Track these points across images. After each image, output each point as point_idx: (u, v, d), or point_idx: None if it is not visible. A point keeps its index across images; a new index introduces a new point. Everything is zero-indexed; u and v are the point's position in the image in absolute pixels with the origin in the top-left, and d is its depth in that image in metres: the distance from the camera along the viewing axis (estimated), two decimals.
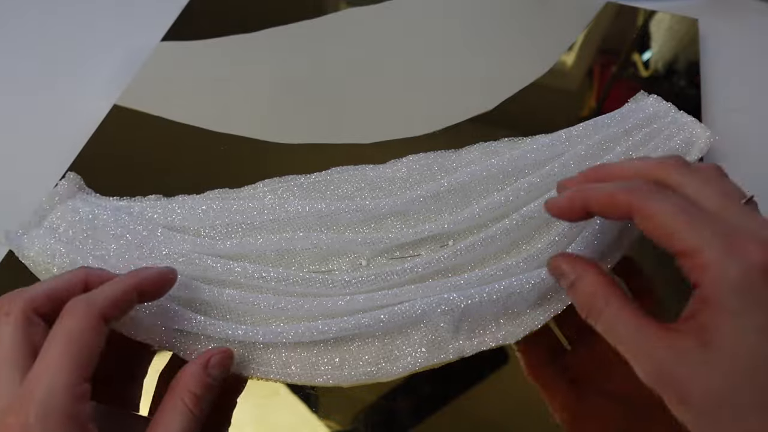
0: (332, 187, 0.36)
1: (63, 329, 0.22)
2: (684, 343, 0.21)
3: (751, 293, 0.20)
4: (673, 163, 0.25)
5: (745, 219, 0.22)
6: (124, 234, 0.32)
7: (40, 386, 0.21)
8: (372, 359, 0.30)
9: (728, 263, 0.20)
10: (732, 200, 0.23)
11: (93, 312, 0.23)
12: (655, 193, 0.23)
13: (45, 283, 0.25)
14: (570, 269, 0.26)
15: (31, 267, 0.32)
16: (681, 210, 0.22)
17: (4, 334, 0.23)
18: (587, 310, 0.24)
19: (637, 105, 0.40)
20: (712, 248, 0.21)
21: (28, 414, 0.20)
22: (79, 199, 0.34)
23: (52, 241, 0.32)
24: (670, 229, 0.22)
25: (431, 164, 0.37)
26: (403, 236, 0.33)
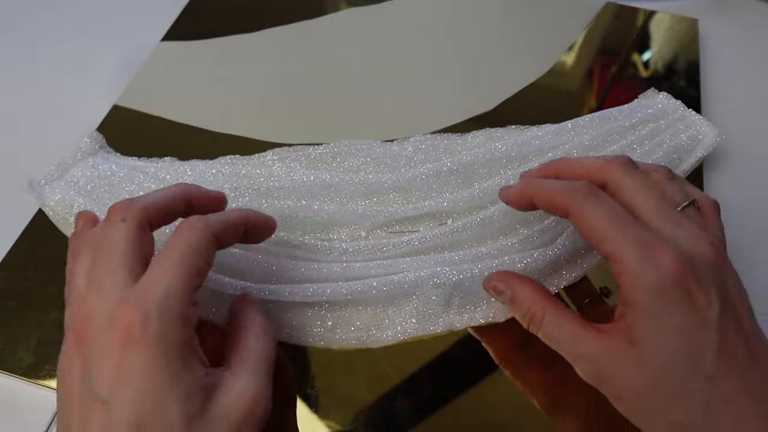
0: (339, 159, 0.37)
1: (182, 240, 0.23)
2: (615, 343, 0.23)
3: (666, 297, 0.22)
4: (619, 163, 0.26)
5: (671, 225, 0.24)
6: (138, 191, 0.35)
7: (158, 286, 0.22)
8: (363, 325, 0.31)
9: (645, 270, 0.23)
10: (666, 205, 0.25)
11: (210, 231, 0.24)
12: (590, 197, 0.25)
13: (155, 196, 0.26)
14: (506, 287, 0.28)
15: (51, 215, 0.35)
16: (610, 216, 0.24)
17: (119, 238, 0.23)
18: (528, 321, 0.26)
19: (646, 100, 0.40)
20: (632, 255, 0.23)
21: (147, 310, 0.21)
22: (100, 157, 0.37)
23: (72, 193, 0.35)
24: (599, 233, 0.24)
25: (437, 145, 0.38)
26: (403, 211, 0.34)
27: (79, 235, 0.26)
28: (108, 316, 0.21)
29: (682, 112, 0.39)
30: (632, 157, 0.36)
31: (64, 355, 0.23)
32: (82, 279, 0.24)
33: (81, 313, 0.23)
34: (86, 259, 0.24)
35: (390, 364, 0.31)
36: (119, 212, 0.24)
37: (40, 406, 0.31)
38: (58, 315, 0.33)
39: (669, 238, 0.24)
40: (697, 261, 0.23)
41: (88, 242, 0.24)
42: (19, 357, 0.31)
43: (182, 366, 0.21)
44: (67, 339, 0.23)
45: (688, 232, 0.24)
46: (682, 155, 0.37)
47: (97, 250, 0.24)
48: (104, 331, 0.21)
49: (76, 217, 0.28)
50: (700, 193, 0.28)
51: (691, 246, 0.23)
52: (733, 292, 0.24)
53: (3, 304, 0.33)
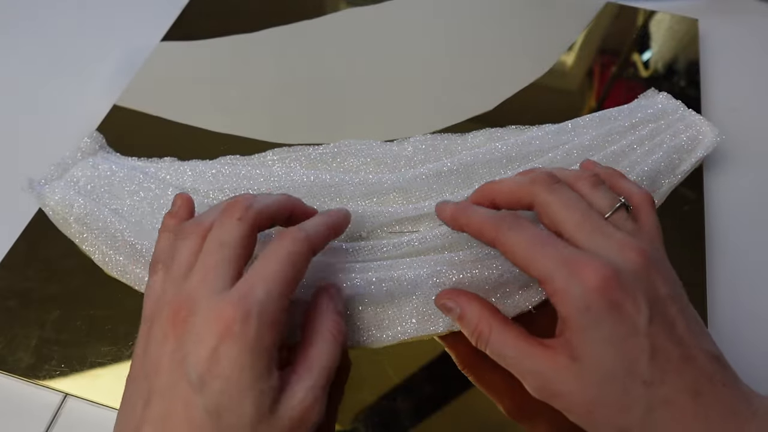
0: (339, 160, 0.37)
1: (285, 248, 0.25)
2: (559, 359, 0.24)
3: (593, 311, 0.23)
4: (540, 181, 0.27)
5: (595, 237, 0.25)
6: (138, 191, 0.35)
7: (260, 289, 0.23)
8: (363, 326, 0.31)
9: (571, 287, 0.23)
10: (590, 217, 0.25)
11: (310, 244, 0.26)
12: (513, 226, 0.26)
13: (268, 202, 0.28)
14: (454, 304, 0.28)
15: (50, 215, 0.35)
16: (532, 242, 0.25)
17: (232, 236, 0.25)
18: (476, 337, 0.27)
19: (646, 101, 0.40)
20: (557, 275, 0.24)
21: (248, 310, 0.23)
22: (100, 157, 0.37)
23: (72, 193, 0.35)
24: (525, 260, 0.25)
25: (437, 145, 0.38)
26: (403, 211, 0.34)
27: (180, 216, 0.29)
28: (212, 307, 0.23)
29: (682, 112, 0.39)
30: (632, 157, 0.36)
31: (158, 325, 0.24)
32: (187, 258, 0.26)
33: (183, 293, 0.24)
34: (194, 242, 0.26)
35: (390, 364, 0.31)
36: (238, 211, 0.26)
37: (40, 406, 0.31)
38: (59, 315, 0.33)
39: (594, 250, 0.24)
40: (621, 269, 0.24)
41: (198, 229, 0.26)
42: (19, 357, 0.31)
43: (265, 367, 0.23)
44: (161, 310, 0.24)
45: (613, 241, 0.25)
46: (682, 155, 0.37)
47: (211, 239, 0.25)
48: (206, 319, 0.23)
49: (175, 197, 0.30)
50: (633, 189, 0.28)
51: (616, 255, 0.24)
52: (663, 293, 0.24)
53: (3, 304, 0.33)
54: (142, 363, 0.25)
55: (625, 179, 0.29)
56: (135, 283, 0.33)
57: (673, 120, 0.38)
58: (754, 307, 0.34)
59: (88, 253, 0.34)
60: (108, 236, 0.34)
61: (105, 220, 0.34)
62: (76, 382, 0.31)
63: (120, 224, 0.34)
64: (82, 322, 0.32)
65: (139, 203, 0.35)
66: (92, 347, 0.32)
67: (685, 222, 0.36)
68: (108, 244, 0.34)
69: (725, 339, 0.32)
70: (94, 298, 0.33)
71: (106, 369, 0.31)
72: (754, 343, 0.33)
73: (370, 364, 0.31)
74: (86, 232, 0.34)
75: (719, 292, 0.35)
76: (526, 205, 0.28)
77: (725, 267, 0.36)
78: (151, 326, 0.25)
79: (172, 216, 0.29)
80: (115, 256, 0.33)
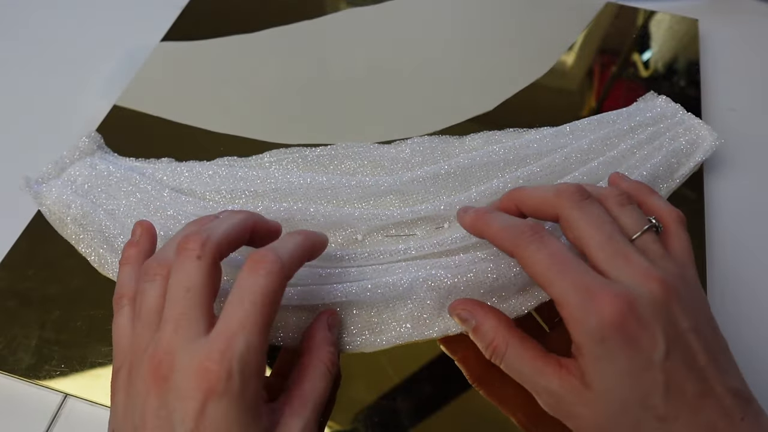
0: (336, 162, 0.37)
1: (261, 288, 0.23)
2: (572, 381, 0.24)
3: (608, 343, 0.23)
4: (569, 195, 0.26)
5: (618, 263, 0.24)
6: (134, 192, 0.35)
7: (239, 341, 0.22)
8: (357, 330, 0.31)
9: (586, 316, 0.23)
10: (615, 240, 0.25)
11: (285, 274, 0.24)
12: (534, 240, 0.25)
13: (226, 228, 0.26)
14: (470, 315, 0.28)
15: (47, 215, 0.35)
16: (553, 261, 0.24)
17: (195, 279, 0.24)
18: (491, 352, 0.27)
19: (645, 104, 0.40)
20: (573, 301, 0.23)
21: (230, 366, 0.22)
22: (98, 157, 0.37)
23: (68, 192, 0.35)
24: (543, 278, 0.24)
25: (435, 148, 0.38)
26: (399, 214, 0.34)
27: (141, 246, 0.28)
28: (191, 362, 0.22)
29: (681, 115, 0.39)
30: (631, 161, 0.36)
31: (139, 379, 0.23)
32: (154, 302, 0.25)
33: (160, 346, 0.23)
34: (159, 284, 0.25)
35: (390, 363, 0.31)
36: (195, 248, 0.24)
37: (40, 406, 0.31)
38: (59, 315, 0.33)
39: (614, 276, 0.24)
40: (640, 301, 0.23)
41: (162, 270, 0.25)
42: (19, 357, 0.31)
43: (253, 416, 0.23)
44: (140, 363, 0.23)
45: (636, 269, 0.24)
46: (681, 159, 0.37)
47: (173, 284, 0.24)
48: (188, 376, 0.22)
49: (135, 225, 0.29)
50: (663, 208, 0.27)
51: (637, 285, 0.23)
52: (684, 326, 0.23)
53: (3, 304, 0.33)
54: (125, 415, 0.24)
55: (656, 196, 0.29)
56: None
57: (672, 123, 0.38)
58: (754, 307, 0.34)
59: (85, 254, 0.34)
60: (104, 238, 0.34)
61: (101, 222, 0.34)
62: (76, 383, 0.31)
63: (115, 227, 0.34)
64: (82, 322, 0.32)
65: (135, 205, 0.35)
66: (92, 347, 0.32)
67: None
68: (104, 247, 0.34)
69: (726, 339, 0.32)
70: (94, 298, 0.33)
71: (106, 369, 0.31)
72: (755, 344, 0.33)
73: (371, 364, 0.31)
74: (83, 233, 0.34)
75: (719, 292, 0.35)
76: (552, 217, 0.27)
77: (725, 267, 0.36)
78: (130, 377, 0.24)
79: (132, 245, 0.29)
80: (110, 258, 0.33)
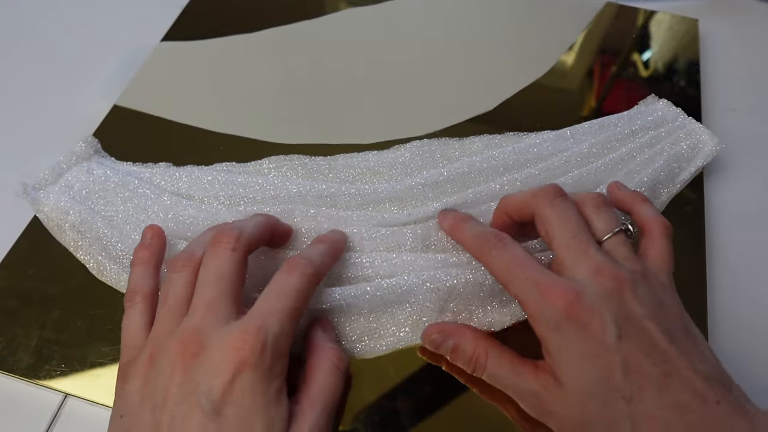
0: (335, 171, 0.37)
1: (296, 286, 0.26)
2: (547, 378, 0.25)
3: (562, 330, 0.24)
4: (543, 194, 0.28)
5: (575, 259, 0.26)
6: (132, 197, 0.35)
7: (274, 323, 0.24)
8: (357, 337, 0.30)
9: (542, 309, 0.25)
10: (579, 239, 0.26)
11: (318, 278, 0.27)
12: (495, 246, 0.27)
13: (255, 227, 0.29)
14: (444, 337, 0.29)
15: (45, 221, 0.35)
16: (511, 264, 0.26)
17: (229, 267, 0.26)
18: (473, 365, 0.28)
19: (646, 107, 0.40)
20: (530, 297, 0.25)
21: (264, 341, 0.23)
22: (95, 162, 0.37)
23: (66, 198, 0.35)
24: (504, 280, 0.26)
25: (434, 151, 0.38)
26: (397, 219, 0.34)
27: (153, 248, 0.30)
28: (226, 338, 0.24)
29: (682, 120, 0.39)
30: (631, 165, 0.36)
31: (164, 359, 0.24)
32: (182, 291, 0.26)
33: (189, 327, 0.24)
34: (188, 275, 0.27)
35: (390, 364, 0.31)
36: (230, 242, 0.27)
37: (41, 406, 0.31)
38: (59, 315, 0.33)
39: (570, 273, 0.25)
40: (588, 291, 0.24)
41: (190, 262, 0.27)
42: (19, 357, 0.31)
43: (277, 395, 0.24)
44: (168, 345, 0.24)
45: (591, 264, 0.25)
46: (681, 164, 0.37)
47: (208, 272, 0.26)
48: (221, 350, 0.23)
49: (146, 229, 0.31)
50: (650, 216, 0.28)
51: (587, 278, 0.25)
52: (639, 312, 0.24)
53: (3, 304, 0.33)
54: (142, 399, 0.24)
55: (647, 204, 0.29)
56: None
57: (673, 128, 0.38)
58: (754, 307, 0.34)
59: (83, 261, 0.34)
60: (102, 245, 0.33)
61: (99, 228, 0.34)
62: (77, 382, 0.31)
63: (113, 233, 0.33)
64: (83, 322, 0.32)
65: (133, 210, 0.35)
66: (92, 347, 0.32)
67: (685, 222, 0.36)
68: (103, 254, 0.33)
69: (725, 341, 0.32)
70: (94, 298, 0.33)
71: (106, 369, 0.31)
72: (755, 344, 0.33)
73: (370, 364, 0.31)
74: (81, 240, 0.34)
75: (719, 292, 0.35)
76: (530, 217, 0.28)
77: (725, 267, 0.36)
78: (152, 361, 0.25)
79: (144, 248, 0.30)
80: (108, 265, 0.33)
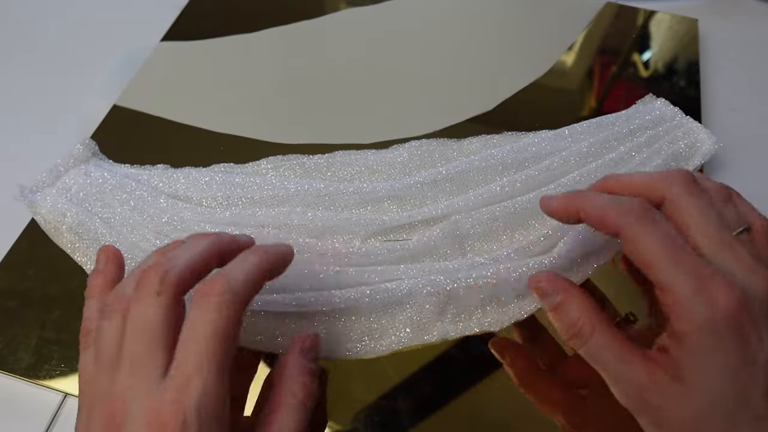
0: (333, 170, 0.37)
1: (211, 323, 0.22)
2: (661, 374, 0.22)
3: (716, 335, 0.21)
4: (680, 178, 0.25)
5: (726, 255, 0.23)
6: (129, 200, 0.35)
7: (193, 386, 0.21)
8: (357, 336, 0.30)
9: (697, 305, 0.21)
10: (723, 232, 0.23)
11: (238, 302, 0.23)
12: (644, 219, 0.23)
13: (188, 259, 0.24)
14: (553, 290, 0.26)
15: (42, 224, 0.34)
16: (663, 243, 0.23)
17: (154, 316, 0.22)
18: (573, 333, 0.25)
19: (644, 107, 0.40)
20: (684, 288, 0.22)
21: (185, 414, 0.20)
22: (92, 164, 0.37)
23: (63, 200, 0.34)
24: (650, 260, 0.23)
25: (432, 151, 0.38)
26: (397, 219, 0.34)
27: (107, 274, 0.26)
28: (145, 411, 0.21)
29: (680, 119, 0.39)
30: (630, 164, 0.36)
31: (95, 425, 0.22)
32: (111, 341, 0.23)
33: (114, 392, 0.22)
34: (117, 322, 0.23)
35: (390, 364, 0.31)
36: (154, 283, 0.23)
37: (40, 406, 0.31)
38: (59, 315, 0.33)
39: (724, 269, 0.22)
40: (750, 296, 0.22)
41: (120, 305, 0.23)
42: (19, 357, 0.31)
43: None
44: (96, 408, 0.22)
45: (744, 263, 0.23)
46: (680, 163, 0.37)
47: (131, 321, 0.23)
48: (141, 426, 0.21)
49: (99, 253, 0.27)
50: (755, 214, 0.26)
51: (746, 279, 0.22)
52: None
53: (3, 304, 0.33)
54: None
55: (746, 201, 0.27)
56: None
57: (671, 127, 0.38)
58: None
59: (81, 263, 0.34)
60: (99, 247, 0.33)
61: (96, 231, 0.34)
62: (76, 382, 0.30)
63: (111, 235, 0.33)
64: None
65: (130, 212, 0.34)
66: None
67: None
68: None
69: None
70: None
71: None
72: None
73: (371, 364, 0.31)
74: (78, 242, 0.34)
75: None
76: (656, 200, 0.25)
77: None
78: (88, 423, 0.22)
79: (97, 274, 0.26)
80: None
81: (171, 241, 0.26)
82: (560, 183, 0.34)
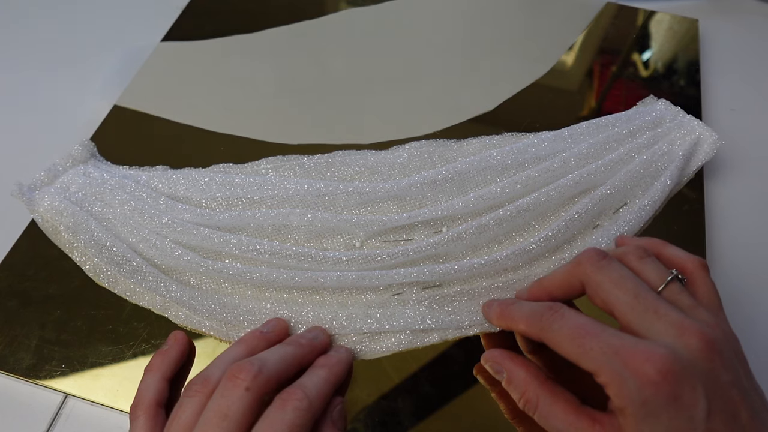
0: (333, 169, 0.37)
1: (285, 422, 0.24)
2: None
3: (649, 405, 0.22)
4: (587, 261, 0.26)
5: (650, 320, 0.23)
6: (128, 200, 0.35)
7: None
8: (357, 338, 0.30)
9: (624, 381, 0.22)
10: (642, 297, 0.24)
11: (312, 410, 0.25)
12: (554, 319, 0.25)
13: (276, 360, 0.26)
14: (499, 368, 0.27)
15: (40, 223, 0.34)
16: (577, 333, 0.24)
17: (237, 409, 0.24)
18: (523, 404, 0.26)
19: (645, 108, 0.40)
20: (609, 368, 0.23)
21: None
22: (91, 165, 0.37)
23: (61, 200, 0.34)
24: (571, 354, 0.24)
25: (432, 152, 0.38)
26: (397, 220, 0.34)
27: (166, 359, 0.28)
28: None
29: (681, 118, 0.38)
30: (630, 165, 0.36)
31: None
32: (187, 419, 0.25)
33: None
34: (197, 403, 0.25)
35: (390, 364, 0.31)
36: (246, 377, 0.25)
37: (41, 406, 0.31)
38: (59, 315, 0.33)
39: (648, 334, 0.23)
40: (680, 356, 0.22)
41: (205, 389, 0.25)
42: (19, 357, 0.31)
43: None
44: None
45: (669, 323, 0.23)
46: (681, 163, 0.37)
47: (213, 409, 0.24)
48: None
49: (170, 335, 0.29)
50: (683, 257, 0.27)
51: (673, 340, 0.23)
52: (725, 380, 0.23)
53: (3, 304, 0.33)
54: None
55: (671, 246, 0.28)
56: (125, 294, 0.33)
57: (672, 126, 0.38)
58: (754, 306, 0.34)
59: (79, 263, 0.34)
60: (98, 248, 0.33)
61: (94, 230, 0.34)
62: (77, 383, 0.31)
63: (108, 236, 0.33)
64: (83, 322, 0.32)
65: (129, 213, 0.34)
66: (93, 347, 0.32)
67: (685, 222, 0.36)
68: (99, 256, 0.33)
69: None
70: (94, 298, 0.33)
71: (106, 369, 0.31)
72: (755, 345, 0.33)
73: (371, 365, 0.31)
74: (76, 242, 0.34)
75: (719, 291, 0.34)
76: (579, 289, 0.26)
77: (725, 266, 0.36)
78: None
79: (161, 354, 0.28)
80: (105, 268, 0.33)
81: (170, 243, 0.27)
82: (560, 184, 0.34)
